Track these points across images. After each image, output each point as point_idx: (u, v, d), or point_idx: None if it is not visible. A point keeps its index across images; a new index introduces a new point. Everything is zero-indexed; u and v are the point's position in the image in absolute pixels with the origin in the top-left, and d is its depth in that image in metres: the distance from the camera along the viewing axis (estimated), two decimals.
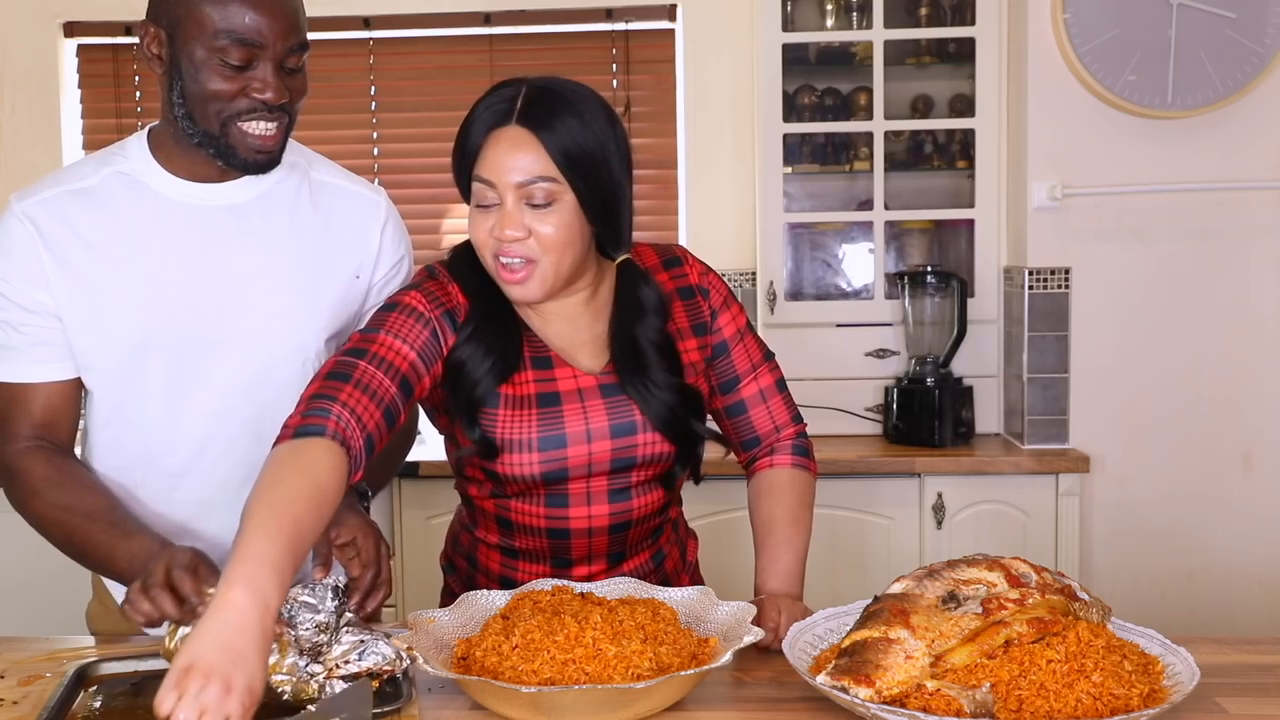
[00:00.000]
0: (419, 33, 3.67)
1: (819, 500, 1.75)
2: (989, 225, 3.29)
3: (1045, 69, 3.09)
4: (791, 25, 3.36)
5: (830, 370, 3.32)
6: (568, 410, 1.51)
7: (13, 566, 3.14)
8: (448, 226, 3.73)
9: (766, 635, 1.42)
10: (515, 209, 1.44)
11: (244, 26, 1.44)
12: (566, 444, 1.51)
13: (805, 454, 1.71)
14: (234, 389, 1.58)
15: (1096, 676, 1.21)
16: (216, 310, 1.56)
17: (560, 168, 1.43)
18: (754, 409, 1.67)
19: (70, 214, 1.53)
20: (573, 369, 1.54)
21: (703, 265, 1.66)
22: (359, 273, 1.65)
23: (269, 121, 1.50)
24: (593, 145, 1.44)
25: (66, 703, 1.34)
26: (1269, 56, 2.99)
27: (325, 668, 1.27)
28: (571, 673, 1.26)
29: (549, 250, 1.45)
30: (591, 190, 1.45)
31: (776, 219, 3.33)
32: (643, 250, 1.63)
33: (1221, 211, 3.12)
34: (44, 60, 3.77)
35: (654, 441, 1.55)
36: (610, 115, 1.50)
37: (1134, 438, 3.16)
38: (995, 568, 1.36)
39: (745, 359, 1.65)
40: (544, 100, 1.44)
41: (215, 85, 1.46)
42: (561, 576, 1.57)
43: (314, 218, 1.62)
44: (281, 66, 1.50)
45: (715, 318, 1.62)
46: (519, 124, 1.44)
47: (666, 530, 1.70)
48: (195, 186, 1.55)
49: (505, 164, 1.44)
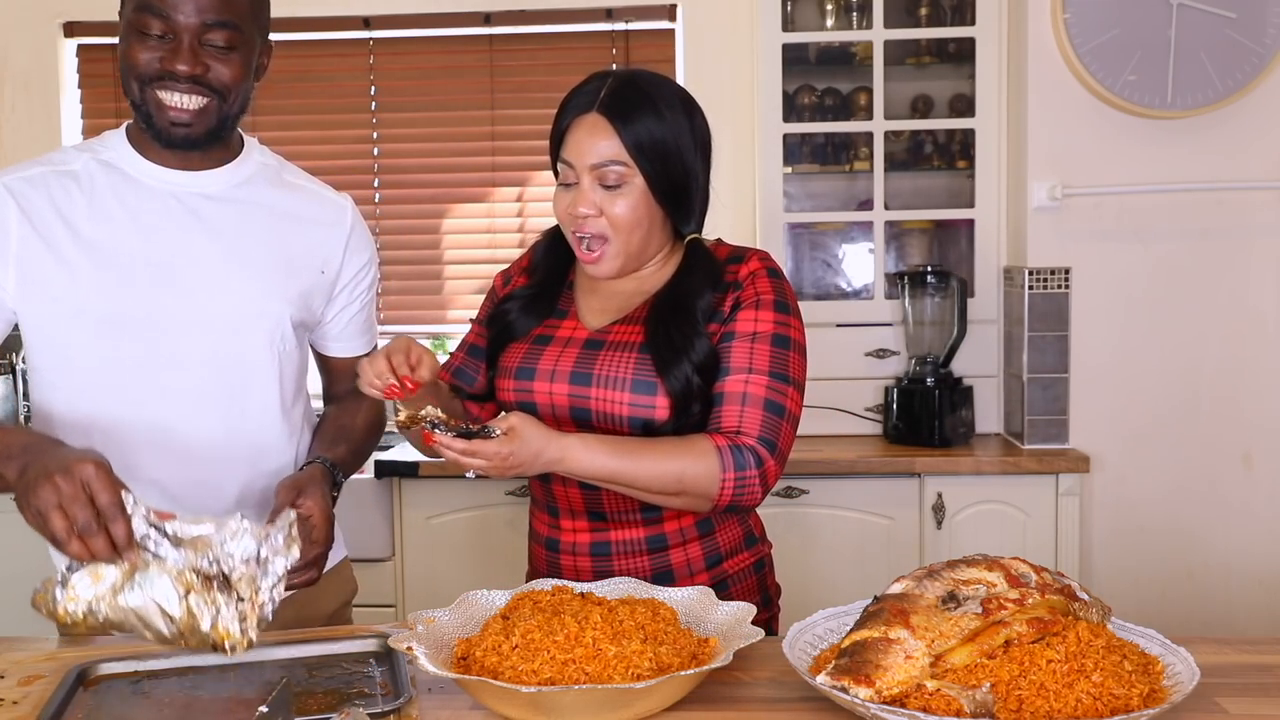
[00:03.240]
0: (419, 33, 3.68)
1: (818, 499, 1.74)
2: (989, 225, 3.29)
3: (1045, 69, 3.09)
4: (791, 25, 3.36)
5: (830, 370, 3.32)
6: (548, 351, 1.65)
7: (13, 566, 3.14)
8: (448, 226, 3.74)
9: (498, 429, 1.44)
10: (590, 189, 1.59)
11: (164, 2, 1.51)
12: (534, 377, 1.64)
13: (739, 461, 1.53)
14: (205, 369, 1.61)
15: (1096, 676, 1.21)
16: (190, 292, 1.60)
17: (632, 153, 1.57)
18: (727, 405, 1.56)
19: (53, 192, 1.58)
20: (577, 322, 1.68)
21: (761, 267, 1.64)
22: (324, 268, 1.72)
23: (184, 94, 1.55)
24: (664, 134, 1.58)
25: (66, 703, 1.34)
26: (1269, 56, 2.99)
27: (249, 603, 1.26)
28: (571, 673, 1.26)
29: (619, 228, 1.59)
30: (660, 175, 1.58)
31: (776, 219, 3.33)
32: (722, 248, 1.70)
33: (1221, 211, 3.12)
34: (44, 60, 3.77)
35: (608, 399, 1.59)
36: (689, 106, 1.64)
37: (1134, 437, 3.16)
38: (995, 568, 1.36)
39: (745, 358, 1.58)
40: (624, 91, 1.58)
41: (134, 53, 1.53)
42: (599, 536, 1.64)
43: (284, 212, 1.69)
44: (202, 42, 1.55)
45: (736, 310, 1.61)
46: (598, 112, 1.58)
47: None
48: (171, 173, 1.61)
49: (583, 147, 1.58)
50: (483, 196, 3.75)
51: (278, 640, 1.57)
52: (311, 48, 3.69)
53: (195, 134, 1.58)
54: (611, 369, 1.60)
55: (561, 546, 1.68)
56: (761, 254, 1.68)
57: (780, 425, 1.57)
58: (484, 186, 3.74)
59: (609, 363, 1.61)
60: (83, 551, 1.24)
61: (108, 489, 1.24)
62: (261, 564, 1.28)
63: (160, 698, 1.38)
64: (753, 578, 1.73)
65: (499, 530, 3.12)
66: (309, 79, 3.68)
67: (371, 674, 1.45)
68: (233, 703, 1.36)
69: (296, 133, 3.68)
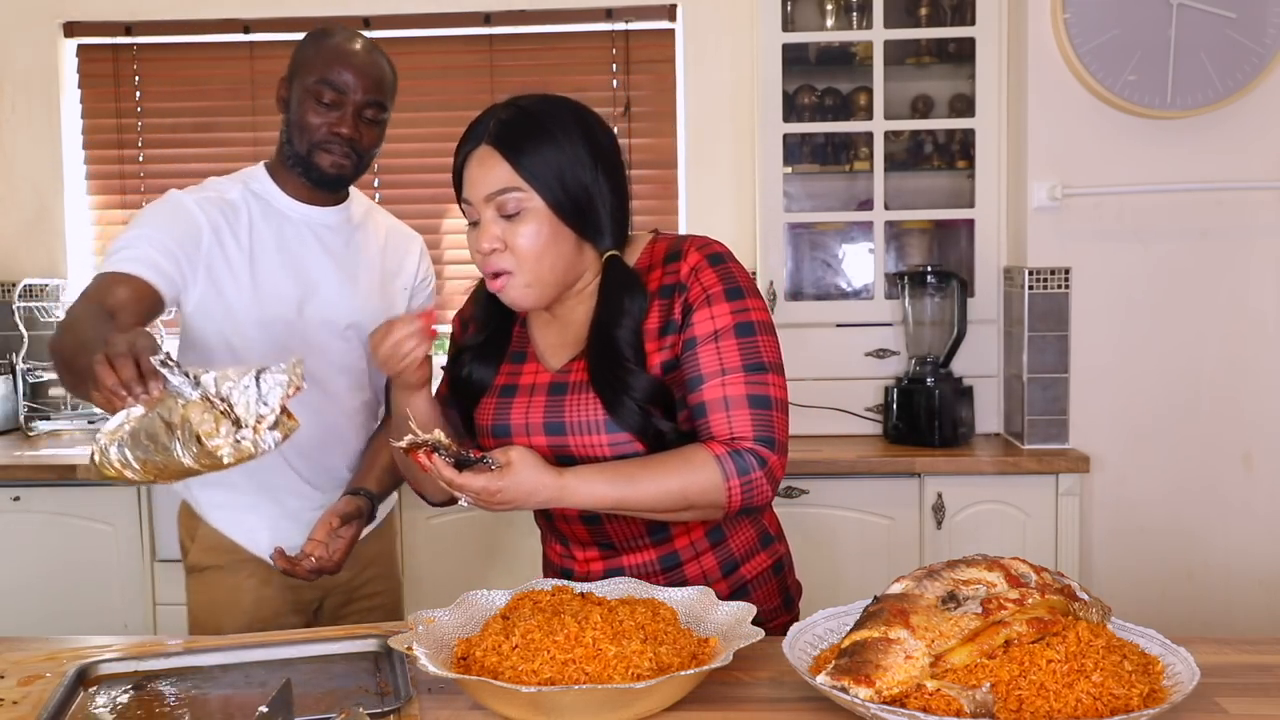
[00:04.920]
0: (419, 33, 3.68)
1: (818, 499, 1.72)
2: (989, 225, 3.29)
3: (1045, 69, 3.09)
4: (791, 25, 3.36)
5: (830, 370, 3.32)
6: (516, 403, 1.62)
7: (13, 566, 3.15)
8: (447, 226, 3.74)
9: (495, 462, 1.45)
10: (491, 222, 1.56)
11: (336, 77, 1.92)
12: (510, 433, 1.61)
13: (741, 466, 1.50)
14: (323, 359, 1.97)
15: (1096, 676, 1.21)
16: (315, 299, 1.98)
17: (525, 177, 1.53)
18: (713, 414, 1.52)
19: (225, 215, 1.94)
20: (537, 365, 1.65)
21: (701, 259, 1.57)
22: (406, 284, 2.14)
23: (340, 158, 1.95)
24: (555, 154, 1.54)
25: (66, 703, 1.34)
26: (1269, 56, 2.99)
27: (250, 426, 1.35)
28: (571, 673, 1.26)
29: (525, 258, 1.55)
30: (558, 195, 1.54)
31: (776, 219, 3.33)
32: (659, 244, 1.64)
33: (1221, 211, 3.12)
34: (44, 60, 3.77)
35: (587, 444, 1.55)
36: (584, 122, 1.58)
37: (1134, 437, 3.16)
38: (995, 568, 1.36)
39: (714, 361, 1.53)
40: (510, 118, 1.56)
41: (308, 116, 1.93)
42: (611, 563, 1.63)
43: (382, 247, 2.10)
44: (360, 115, 1.94)
45: (688, 314, 1.55)
46: (487, 144, 1.56)
47: None
48: (304, 207, 2.00)
49: (476, 181, 1.56)
50: None
51: (278, 640, 1.57)
52: None
53: (346, 180, 2.00)
54: (581, 413, 1.56)
55: (576, 575, 1.66)
56: (700, 241, 1.60)
57: (771, 416, 1.52)
58: None
59: (577, 407, 1.56)
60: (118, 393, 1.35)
61: (149, 347, 1.37)
62: (262, 398, 1.37)
63: (160, 698, 1.38)
64: (772, 581, 1.70)
65: (499, 530, 3.12)
66: None
67: (371, 674, 1.45)
68: (233, 703, 1.36)
69: None
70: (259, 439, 1.36)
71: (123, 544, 3.12)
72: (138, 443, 1.35)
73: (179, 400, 1.34)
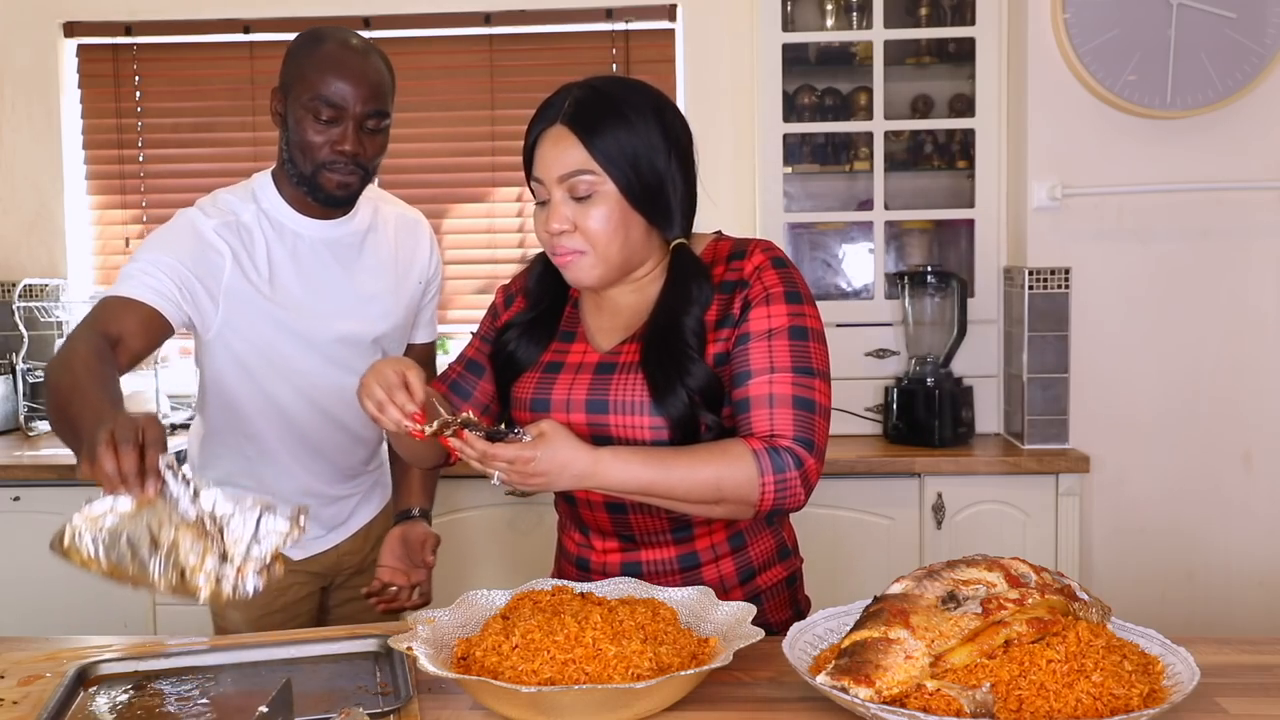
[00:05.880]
0: (419, 33, 3.68)
1: (818, 499, 1.71)
2: (989, 225, 3.29)
3: (1045, 69, 3.09)
4: (791, 25, 3.36)
5: (830, 370, 3.31)
6: (560, 379, 1.61)
7: (13, 566, 3.15)
8: (448, 226, 3.74)
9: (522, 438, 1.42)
10: (561, 203, 1.54)
11: (332, 91, 1.84)
12: (550, 408, 1.59)
13: (778, 464, 1.49)
14: (337, 368, 1.97)
15: (1096, 676, 1.21)
16: (329, 312, 1.96)
17: (599, 160, 1.52)
18: (756, 410, 1.51)
19: (242, 238, 1.92)
20: (586, 345, 1.64)
21: (765, 260, 1.59)
22: (420, 278, 2.12)
23: (345, 176, 1.89)
24: (631, 138, 1.53)
25: (66, 703, 1.34)
26: (1269, 56, 2.99)
27: (235, 565, 1.30)
28: (571, 673, 1.26)
29: (595, 241, 1.54)
30: (632, 180, 1.53)
31: (776, 219, 3.33)
32: (723, 243, 1.65)
33: (1221, 211, 3.12)
34: (44, 60, 3.77)
35: (627, 425, 1.54)
36: (659, 108, 1.58)
37: (1134, 438, 3.16)
38: (995, 568, 1.36)
39: (764, 358, 1.53)
40: (587, 100, 1.54)
41: (307, 134, 1.87)
42: (630, 556, 1.62)
43: (394, 247, 2.07)
44: (361, 127, 1.88)
45: (746, 310, 1.56)
46: (562, 123, 1.54)
47: None
48: (313, 222, 1.97)
49: (549, 160, 1.54)
50: (483, 196, 3.75)
51: (278, 640, 1.57)
52: None
53: (353, 199, 1.97)
54: (626, 393, 1.55)
55: (592, 566, 1.65)
56: (764, 244, 1.63)
57: (814, 420, 1.52)
58: (484, 186, 3.74)
59: (623, 386, 1.56)
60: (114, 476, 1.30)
61: (157, 440, 1.33)
62: (257, 538, 1.32)
63: (160, 698, 1.38)
64: (785, 593, 1.70)
65: (500, 531, 3.12)
66: None
67: (371, 674, 1.45)
68: (232, 703, 1.36)
69: None
70: (240, 582, 1.30)
71: None
72: (115, 545, 1.29)
73: (173, 514, 1.29)
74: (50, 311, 3.67)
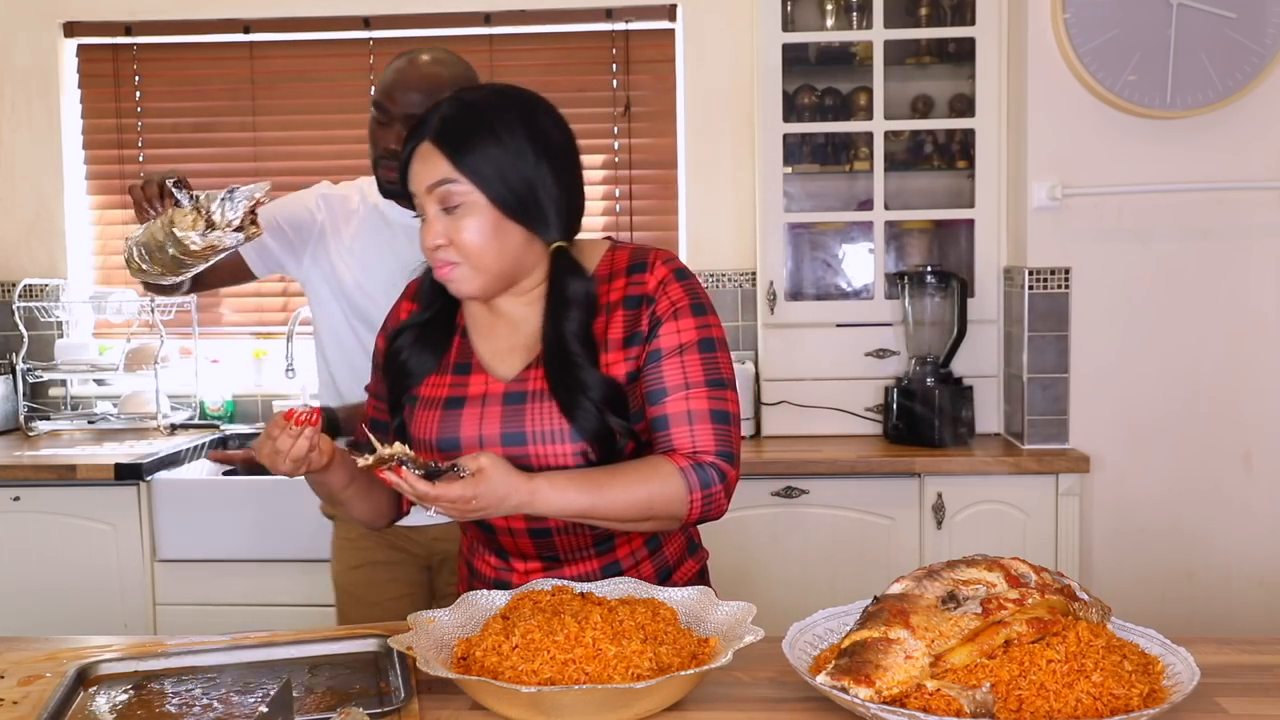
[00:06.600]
0: (419, 33, 3.68)
1: (818, 499, 1.72)
2: (989, 225, 3.29)
3: (1045, 69, 3.09)
4: (791, 25, 3.36)
5: (830, 370, 3.32)
6: (467, 414, 1.58)
7: (13, 566, 3.15)
8: None
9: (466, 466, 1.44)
10: (435, 218, 1.56)
11: (386, 98, 2.09)
12: (461, 446, 1.57)
13: (704, 479, 1.53)
14: None
15: (1096, 676, 1.21)
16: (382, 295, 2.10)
17: (464, 172, 1.53)
18: (675, 427, 1.54)
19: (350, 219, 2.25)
20: (486, 375, 1.61)
21: (668, 273, 1.59)
22: None
23: (392, 171, 2.04)
24: (494, 146, 1.54)
25: (66, 703, 1.34)
26: (1269, 56, 2.99)
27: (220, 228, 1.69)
28: (571, 673, 1.26)
29: (468, 253, 1.55)
30: (500, 189, 1.54)
31: (776, 219, 3.33)
32: (619, 252, 1.64)
33: (1221, 211, 3.12)
34: (44, 60, 3.77)
35: (549, 454, 1.54)
36: (527, 112, 1.59)
37: (1134, 438, 3.16)
38: (995, 568, 1.36)
39: (678, 374, 1.55)
40: (452, 115, 1.56)
41: (372, 132, 2.13)
42: (553, 573, 1.60)
43: None
44: (407, 125, 2.00)
45: (656, 327, 1.56)
46: (429, 140, 1.56)
47: None
48: (402, 211, 2.18)
49: (418, 174, 1.57)
50: None
51: (278, 640, 1.57)
52: (311, 47, 3.68)
53: (390, 193, 2.15)
54: (543, 422, 1.54)
55: (513, 588, 1.60)
56: (664, 255, 1.62)
57: (730, 432, 1.57)
58: None
59: (539, 416, 1.55)
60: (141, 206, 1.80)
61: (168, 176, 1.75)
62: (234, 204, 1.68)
63: (160, 697, 1.38)
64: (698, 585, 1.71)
65: None
66: (309, 79, 3.67)
67: (371, 674, 1.45)
68: (232, 703, 1.36)
69: (296, 132, 3.66)
70: (223, 236, 1.69)
71: (123, 544, 3.12)
72: (147, 240, 1.76)
73: (175, 212, 1.72)
74: (50, 311, 3.67)
